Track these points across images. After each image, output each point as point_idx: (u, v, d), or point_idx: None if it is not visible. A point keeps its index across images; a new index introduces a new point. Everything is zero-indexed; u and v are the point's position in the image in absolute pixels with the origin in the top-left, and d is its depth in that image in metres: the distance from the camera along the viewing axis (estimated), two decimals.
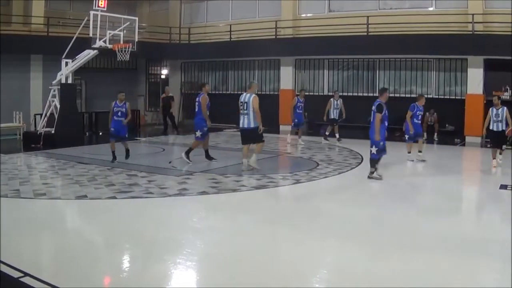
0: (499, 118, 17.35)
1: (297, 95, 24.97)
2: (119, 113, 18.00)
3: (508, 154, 19.65)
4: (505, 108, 17.48)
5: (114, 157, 18.00)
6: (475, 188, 15.42)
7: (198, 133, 17.81)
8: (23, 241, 9.38)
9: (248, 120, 16.40)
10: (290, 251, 9.08)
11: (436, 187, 15.25)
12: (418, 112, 19.26)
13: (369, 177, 15.51)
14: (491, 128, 17.47)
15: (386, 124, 15.40)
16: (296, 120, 23.71)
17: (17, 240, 9.40)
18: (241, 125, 16.73)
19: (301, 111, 23.77)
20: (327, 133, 24.50)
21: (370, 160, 15.63)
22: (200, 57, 34.39)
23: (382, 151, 15.37)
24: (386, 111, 15.17)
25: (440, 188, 15.13)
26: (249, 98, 16.39)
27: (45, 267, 8.30)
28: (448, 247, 9.16)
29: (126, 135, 18.37)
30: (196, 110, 17.83)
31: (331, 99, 24.79)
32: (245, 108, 16.39)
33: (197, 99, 17.90)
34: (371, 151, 15.41)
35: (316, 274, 8.10)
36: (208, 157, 18.37)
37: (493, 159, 17.46)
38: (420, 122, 19.50)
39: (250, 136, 16.68)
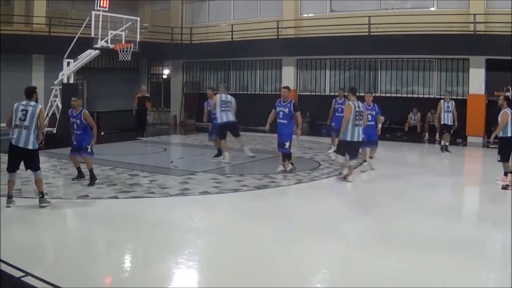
0: None
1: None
2: (74, 125, 14.72)
3: None
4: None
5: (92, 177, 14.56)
6: (476, 188, 15.39)
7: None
8: (24, 241, 9.38)
9: (231, 115, 18.14)
10: (291, 251, 9.08)
11: (437, 187, 15.21)
12: (367, 111, 16.67)
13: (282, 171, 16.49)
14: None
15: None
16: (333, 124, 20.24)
17: (18, 240, 9.41)
18: (225, 120, 18.06)
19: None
20: (446, 144, 21.09)
21: (285, 155, 16.52)
22: (202, 57, 34.45)
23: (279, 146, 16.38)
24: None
25: (443, 187, 15.14)
26: (231, 98, 18.37)
27: (46, 266, 8.28)
28: (447, 247, 9.15)
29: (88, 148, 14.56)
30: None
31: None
32: (228, 106, 18.06)
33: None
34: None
35: (317, 274, 8.09)
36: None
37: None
38: (373, 123, 17.34)
39: (231, 129, 18.32)
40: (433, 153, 22.66)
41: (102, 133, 26.14)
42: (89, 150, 14.40)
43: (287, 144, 16.08)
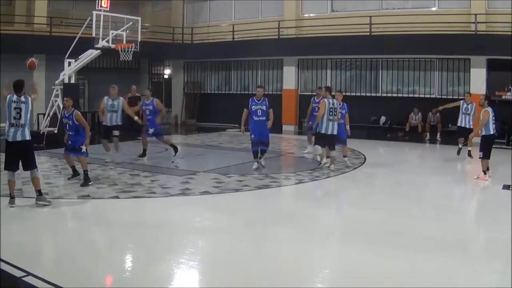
0: None
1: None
2: (67, 126, 14.65)
3: (508, 155, 19.73)
4: None
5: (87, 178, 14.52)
6: (478, 188, 15.38)
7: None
8: (25, 241, 9.38)
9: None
10: (293, 251, 9.08)
11: (439, 187, 15.22)
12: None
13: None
14: None
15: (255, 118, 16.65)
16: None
17: (19, 239, 9.40)
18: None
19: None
20: (469, 149, 19.67)
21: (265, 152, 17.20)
22: (203, 57, 34.47)
23: (254, 144, 16.83)
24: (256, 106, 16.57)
25: (443, 188, 15.12)
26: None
27: (47, 266, 8.30)
28: (448, 247, 9.16)
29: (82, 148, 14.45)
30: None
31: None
32: (116, 108, 17.96)
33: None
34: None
35: (318, 274, 8.10)
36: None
37: None
38: (342, 121, 17.49)
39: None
40: (433, 153, 22.72)
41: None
42: (83, 150, 14.36)
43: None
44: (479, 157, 15.61)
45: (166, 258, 8.60)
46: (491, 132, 15.54)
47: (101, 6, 22.58)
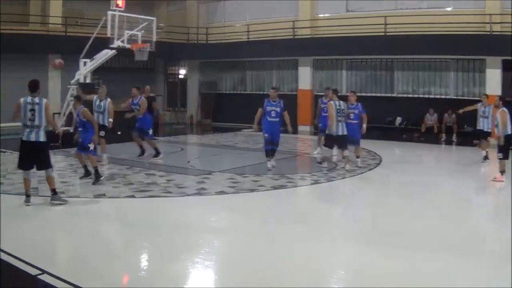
0: None
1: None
2: (76, 123, 15.36)
3: None
4: None
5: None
6: (494, 189, 15.27)
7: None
8: (40, 239, 9.41)
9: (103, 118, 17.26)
10: (307, 251, 9.06)
11: (455, 189, 15.16)
12: (349, 110, 17.49)
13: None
14: None
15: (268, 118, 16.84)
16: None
17: (35, 238, 9.43)
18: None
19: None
20: (485, 153, 19.36)
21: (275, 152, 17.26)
22: (218, 57, 34.45)
23: (267, 143, 16.96)
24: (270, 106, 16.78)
25: (459, 189, 15.07)
26: (104, 103, 17.46)
27: (62, 265, 8.33)
28: (461, 248, 9.14)
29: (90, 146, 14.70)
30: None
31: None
32: (102, 109, 17.33)
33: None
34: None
35: (333, 275, 8.10)
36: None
37: None
38: (356, 122, 17.61)
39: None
40: (449, 154, 22.66)
41: (119, 133, 26.20)
42: (91, 148, 14.51)
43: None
44: (498, 158, 15.48)
45: (182, 258, 8.60)
46: (509, 132, 15.42)
47: (116, 6, 22.59)
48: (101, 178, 14.32)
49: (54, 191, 11.83)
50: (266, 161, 16.98)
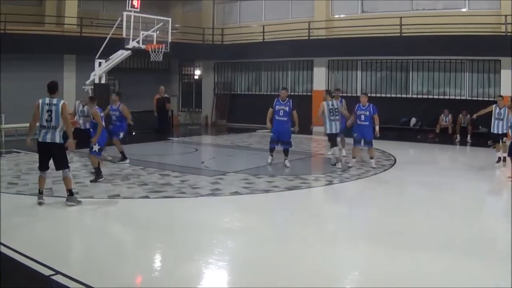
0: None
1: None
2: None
3: None
4: None
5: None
6: (503, 191, 15.20)
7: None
8: (54, 239, 9.46)
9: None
10: (321, 252, 9.05)
11: (469, 190, 15.08)
12: (359, 111, 17.54)
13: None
14: None
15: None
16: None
17: (49, 238, 9.49)
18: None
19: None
20: (499, 155, 18.86)
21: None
22: (233, 58, 34.47)
23: (272, 141, 17.68)
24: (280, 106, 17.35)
25: (474, 190, 14.98)
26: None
27: (75, 265, 8.36)
28: (471, 248, 9.10)
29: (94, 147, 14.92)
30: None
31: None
32: (86, 114, 17.48)
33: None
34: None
35: (347, 276, 8.08)
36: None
37: None
38: (367, 123, 17.41)
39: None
40: (463, 155, 22.58)
41: (134, 133, 26.27)
42: (94, 149, 14.68)
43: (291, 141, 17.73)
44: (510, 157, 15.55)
45: (195, 258, 8.60)
46: None
47: (131, 7, 22.64)
48: (100, 179, 14.60)
49: (70, 192, 11.89)
50: (282, 161, 17.43)
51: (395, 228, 10.72)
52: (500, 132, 18.62)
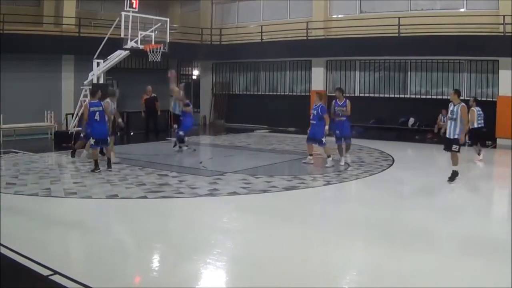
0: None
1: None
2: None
3: None
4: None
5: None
6: (502, 191, 15.22)
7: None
8: (53, 240, 9.45)
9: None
10: (319, 252, 9.05)
11: (469, 190, 15.14)
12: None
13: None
14: None
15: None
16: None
17: (47, 239, 9.48)
18: None
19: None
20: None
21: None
22: (231, 58, 34.48)
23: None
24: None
25: (473, 190, 15.03)
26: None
27: (74, 265, 8.36)
28: (472, 249, 9.10)
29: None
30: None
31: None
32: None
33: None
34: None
35: (346, 276, 8.09)
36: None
37: None
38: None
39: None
40: (462, 155, 22.56)
41: (132, 133, 26.30)
42: (91, 143, 16.41)
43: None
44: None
45: (194, 258, 8.61)
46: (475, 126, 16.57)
47: (129, 7, 22.61)
48: (97, 171, 15.90)
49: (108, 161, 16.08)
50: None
51: (395, 228, 10.74)
52: (452, 137, 15.57)
